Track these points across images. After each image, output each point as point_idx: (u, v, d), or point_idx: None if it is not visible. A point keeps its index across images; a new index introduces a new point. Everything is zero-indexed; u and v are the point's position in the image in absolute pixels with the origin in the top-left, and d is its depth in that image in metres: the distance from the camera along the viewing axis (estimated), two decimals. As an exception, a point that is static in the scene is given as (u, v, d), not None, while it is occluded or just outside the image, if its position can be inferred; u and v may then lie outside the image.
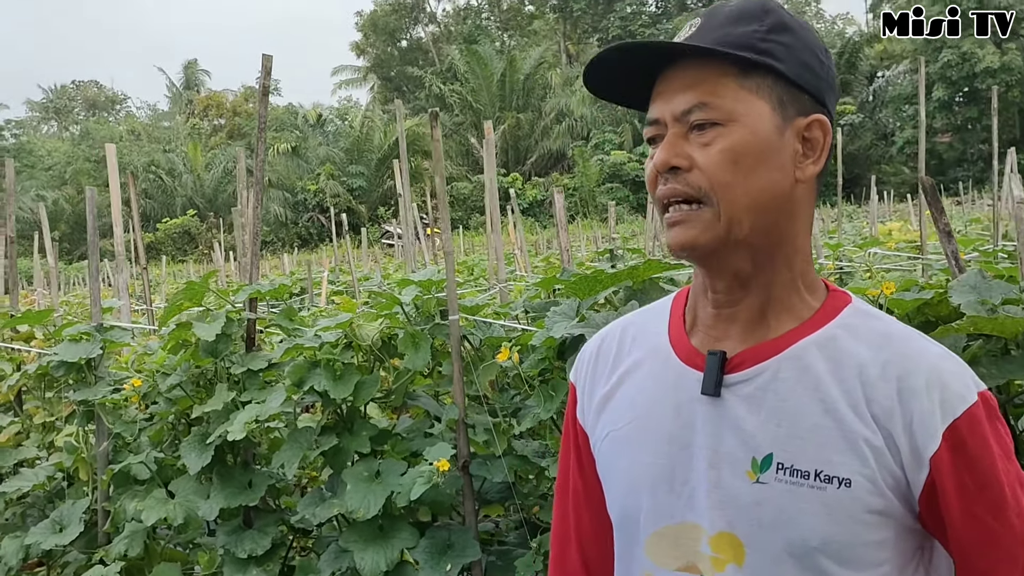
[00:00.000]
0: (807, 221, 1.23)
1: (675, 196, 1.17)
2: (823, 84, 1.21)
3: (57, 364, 3.61)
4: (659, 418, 1.27)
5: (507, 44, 65.70)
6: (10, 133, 71.35)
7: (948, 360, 1.16)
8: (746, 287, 1.21)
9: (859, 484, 1.12)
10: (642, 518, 1.27)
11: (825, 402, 1.15)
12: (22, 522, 3.98)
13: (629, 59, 1.21)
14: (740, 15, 1.18)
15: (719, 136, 1.14)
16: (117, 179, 4.63)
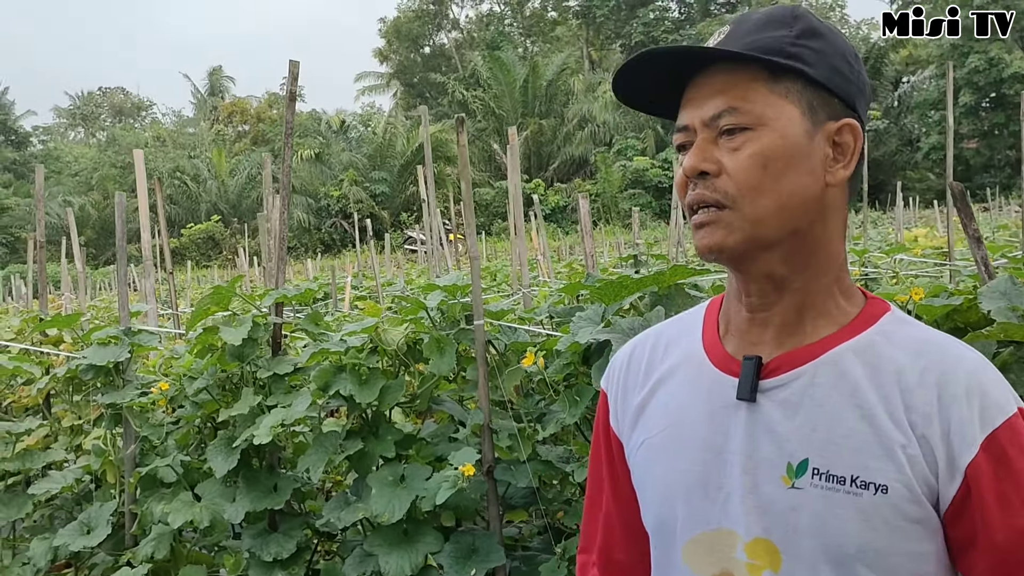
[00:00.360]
0: (841, 226, 1.23)
1: (703, 202, 1.17)
2: (853, 89, 1.20)
3: (86, 368, 3.65)
4: (694, 424, 1.26)
5: (530, 50, 65.80)
6: (38, 139, 72.15)
7: (988, 369, 1.15)
8: (780, 291, 1.21)
9: (896, 491, 1.11)
10: (678, 526, 1.27)
11: (862, 408, 1.14)
12: (50, 524, 4.02)
13: (658, 66, 1.21)
14: (769, 21, 1.19)
15: (748, 141, 1.14)
16: (144, 185, 4.67)
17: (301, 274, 21.25)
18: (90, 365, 3.64)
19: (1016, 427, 1.10)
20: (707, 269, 3.07)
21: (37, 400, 4.54)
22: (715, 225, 1.16)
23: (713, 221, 1.16)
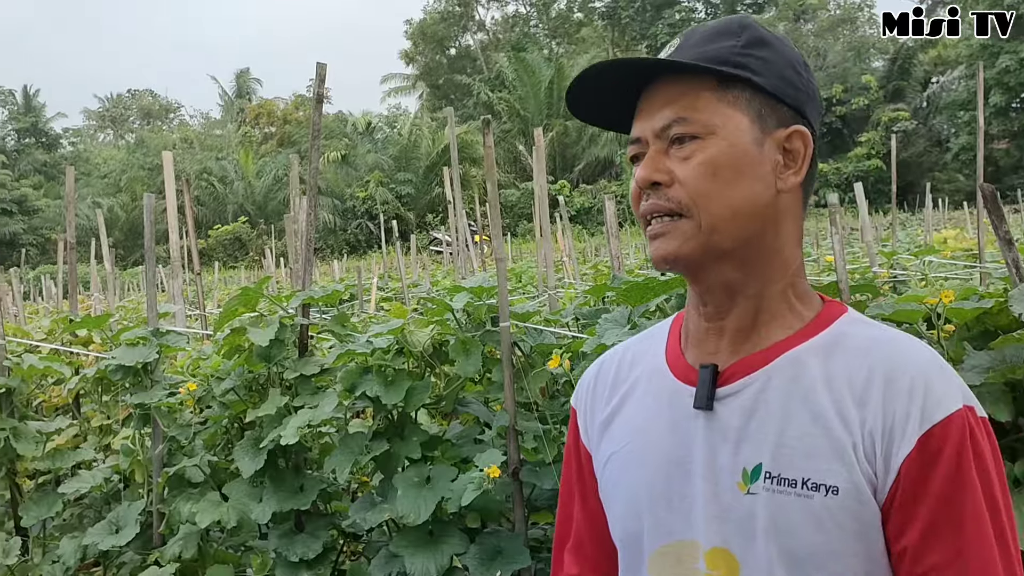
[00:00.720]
0: (795, 232, 1.24)
1: (657, 211, 1.19)
2: (802, 96, 1.22)
3: (115, 368, 3.67)
4: (657, 436, 1.27)
5: (555, 51, 65.75)
6: (68, 141, 72.81)
7: (937, 366, 1.15)
8: (735, 298, 1.22)
9: (846, 491, 1.11)
10: (644, 538, 1.28)
11: (813, 410, 1.15)
12: (79, 523, 4.05)
13: (610, 80, 1.23)
14: (718, 32, 1.21)
15: (698, 149, 1.16)
16: (173, 187, 4.71)
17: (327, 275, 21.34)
18: (119, 366, 3.67)
19: (956, 426, 1.10)
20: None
21: (67, 400, 4.58)
22: (670, 235, 1.18)
23: (668, 231, 1.18)
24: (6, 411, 4.12)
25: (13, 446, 3.95)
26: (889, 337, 1.19)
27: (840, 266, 2.91)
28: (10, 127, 67.31)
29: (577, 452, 1.45)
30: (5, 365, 4.17)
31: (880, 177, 40.43)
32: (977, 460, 1.09)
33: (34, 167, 63.13)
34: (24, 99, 67.18)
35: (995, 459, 1.13)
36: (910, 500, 1.10)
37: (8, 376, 4.14)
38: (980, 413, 1.14)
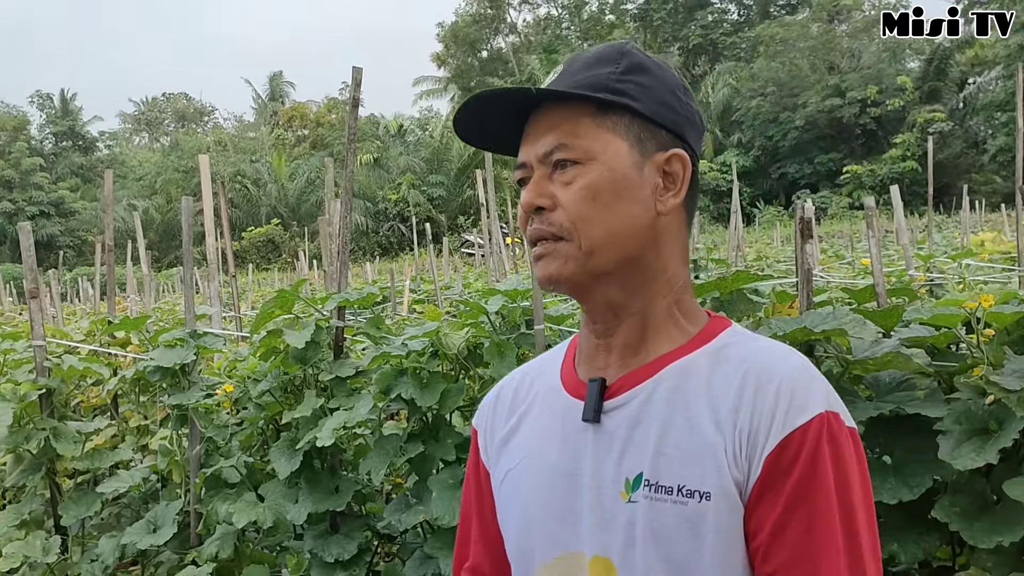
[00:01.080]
0: (678, 251, 1.28)
1: (541, 236, 1.22)
2: (681, 120, 1.26)
3: (153, 369, 3.72)
4: (549, 451, 1.30)
5: (587, 53, 65.61)
6: (104, 144, 73.60)
7: (805, 373, 1.18)
8: (620, 316, 1.26)
9: (718, 497, 1.14)
10: (535, 552, 1.30)
11: (691, 419, 1.18)
12: (117, 522, 4.10)
13: (494, 107, 1.26)
14: (597, 59, 1.25)
15: (579, 175, 1.20)
16: (209, 189, 4.75)
17: (360, 277, 21.44)
18: (157, 367, 3.71)
19: (814, 430, 1.13)
20: (769, 275, 3.04)
21: (105, 400, 4.64)
22: (552, 256, 1.22)
23: (550, 253, 1.22)
24: (46, 411, 4.18)
25: (53, 446, 4.01)
26: (764, 347, 1.23)
27: (877, 270, 2.89)
28: (48, 130, 68.15)
29: (477, 472, 1.47)
30: (45, 366, 4.23)
31: (915, 179, 40.03)
32: (836, 464, 1.12)
33: (71, 170, 63.88)
34: (61, 103, 67.99)
35: (859, 466, 1.16)
36: (766, 499, 1.13)
37: (48, 377, 4.20)
38: (848, 423, 1.17)
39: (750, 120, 49.39)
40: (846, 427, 1.16)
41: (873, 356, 2.26)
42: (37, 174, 58.24)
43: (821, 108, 46.37)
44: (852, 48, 49.12)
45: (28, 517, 4.15)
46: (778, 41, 50.88)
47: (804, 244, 2.56)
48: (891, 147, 44.46)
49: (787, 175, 48.51)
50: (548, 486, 1.28)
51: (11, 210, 54.95)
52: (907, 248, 4.60)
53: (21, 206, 55.43)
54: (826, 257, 12.77)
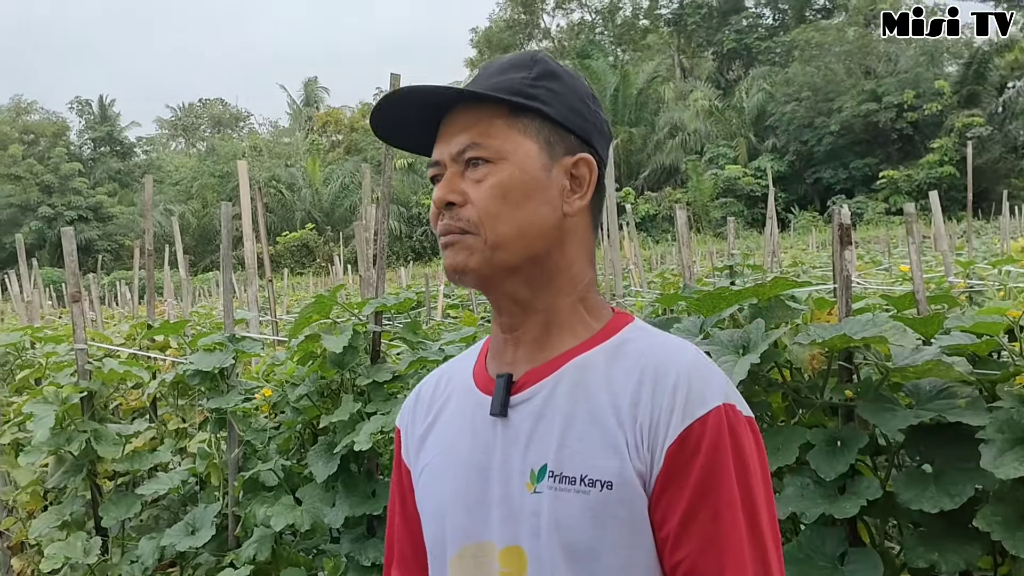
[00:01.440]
0: (582, 251, 1.33)
1: (450, 231, 1.27)
2: (589, 126, 1.32)
3: (192, 373, 3.76)
4: (461, 446, 1.34)
5: (620, 58, 65.57)
6: (141, 150, 74.40)
7: (702, 367, 1.23)
8: (526, 311, 1.31)
9: (619, 487, 1.18)
10: (447, 543, 1.34)
11: (593, 411, 1.23)
12: (156, 524, 4.15)
13: (411, 105, 1.31)
14: (512, 65, 1.31)
15: (490, 173, 1.25)
16: (248, 194, 4.80)
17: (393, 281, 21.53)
18: (196, 371, 3.75)
19: (713, 420, 1.17)
20: (808, 282, 3.03)
21: (144, 403, 4.69)
22: (458, 247, 1.26)
23: (456, 243, 1.26)
24: (87, 414, 4.24)
25: (94, 448, 4.06)
26: (661, 342, 1.28)
27: (917, 276, 2.88)
28: (87, 136, 69.00)
29: (399, 470, 1.51)
30: (87, 369, 4.29)
31: (953, 184, 39.59)
32: (736, 453, 1.17)
33: (109, 175, 64.63)
34: (100, 109, 68.82)
35: (758, 454, 1.21)
36: (671, 490, 1.17)
37: (90, 380, 4.26)
38: (746, 412, 1.22)
39: (784, 125, 49.03)
40: (743, 416, 1.21)
41: (913, 364, 2.25)
42: (76, 179, 58.97)
43: (857, 113, 45.96)
44: (889, 52, 48.66)
45: (69, 518, 4.20)
46: (814, 45, 50.52)
47: (843, 250, 2.55)
48: (928, 152, 44.00)
49: (822, 180, 48.13)
50: (460, 479, 1.33)
51: (51, 215, 55.67)
52: (946, 254, 4.56)
53: (60, 211, 56.13)
54: (863, 263, 12.68)
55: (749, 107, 51.38)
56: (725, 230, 8.49)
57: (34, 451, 4.11)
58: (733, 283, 4.45)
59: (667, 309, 3.67)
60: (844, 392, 2.40)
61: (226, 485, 3.85)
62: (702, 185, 45.77)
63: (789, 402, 2.65)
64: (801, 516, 2.28)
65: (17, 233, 7.87)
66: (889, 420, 2.22)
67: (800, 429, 2.42)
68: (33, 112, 68.54)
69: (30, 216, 55.65)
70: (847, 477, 2.31)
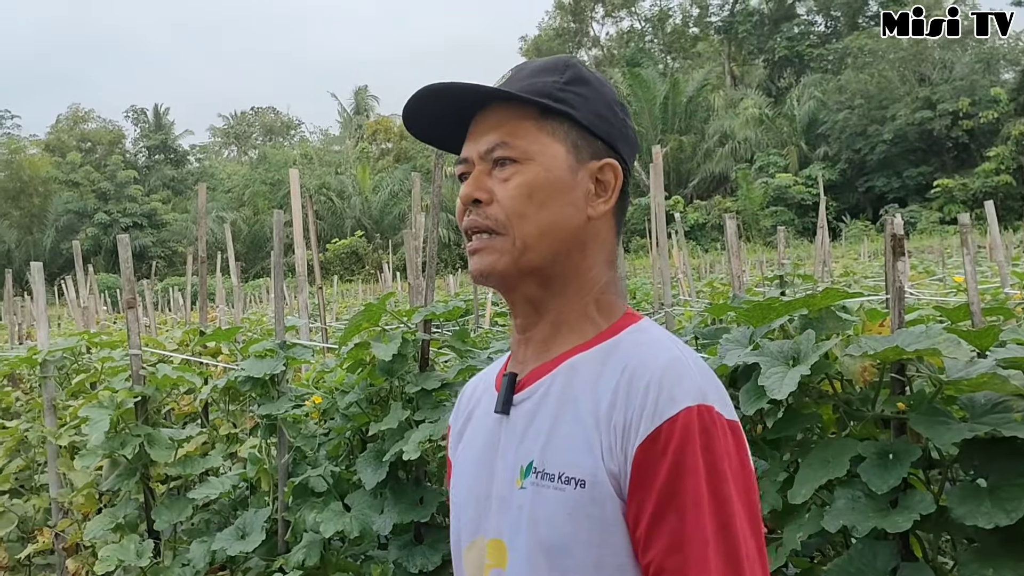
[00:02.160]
0: (603, 254, 1.35)
1: (476, 227, 1.30)
2: (616, 132, 1.34)
3: (244, 379, 3.80)
4: (476, 443, 1.39)
5: (670, 66, 65.33)
6: (194, 158, 75.47)
7: (680, 366, 1.22)
8: (539, 312, 1.33)
9: (593, 485, 1.20)
10: (462, 535, 1.39)
11: (577, 411, 1.24)
12: (207, 528, 4.20)
13: (445, 102, 1.33)
14: (544, 68, 1.33)
15: (517, 172, 1.27)
16: (299, 202, 4.85)
17: (442, 289, 21.62)
18: (248, 377, 3.79)
19: (682, 422, 1.16)
20: (859, 292, 3.00)
21: (196, 408, 4.76)
22: (487, 251, 1.29)
23: (485, 247, 1.29)
24: (141, 418, 4.31)
25: (147, 452, 4.12)
26: (646, 342, 1.28)
27: (972, 288, 2.83)
28: (142, 144, 70.16)
29: (449, 464, 1.55)
30: (141, 374, 4.36)
31: (1010, 193, 38.92)
32: (706, 455, 1.15)
33: (163, 182, 65.62)
34: (155, 117, 69.94)
35: (738, 457, 1.19)
36: (640, 491, 1.18)
37: (144, 385, 4.32)
38: (728, 416, 1.21)
39: (837, 133, 48.49)
40: (723, 419, 1.20)
41: (967, 377, 2.21)
42: (131, 186, 59.97)
43: (911, 121, 45.32)
44: (943, 59, 47.95)
45: (123, 521, 4.26)
46: (867, 52, 49.95)
47: (895, 261, 2.52)
48: (984, 160, 43.27)
49: (875, 189, 47.53)
50: (471, 475, 1.38)
51: (106, 221, 56.66)
52: (1002, 265, 4.49)
53: (116, 217, 57.11)
54: (916, 273, 12.49)
55: (800, 115, 50.89)
56: (775, 239, 8.41)
57: (89, 454, 4.19)
58: (783, 293, 4.41)
59: (716, 319, 3.65)
60: (896, 404, 2.37)
61: (276, 490, 3.89)
62: (752, 194, 45.41)
63: (840, 414, 2.62)
64: (852, 530, 2.26)
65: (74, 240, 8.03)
66: (942, 433, 2.19)
67: (851, 441, 2.39)
68: (90, 120, 69.82)
69: (87, 222, 56.68)
70: (899, 491, 2.28)
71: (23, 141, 66.68)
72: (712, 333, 3.22)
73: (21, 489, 5.47)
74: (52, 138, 66.77)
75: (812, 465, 2.38)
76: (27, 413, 5.61)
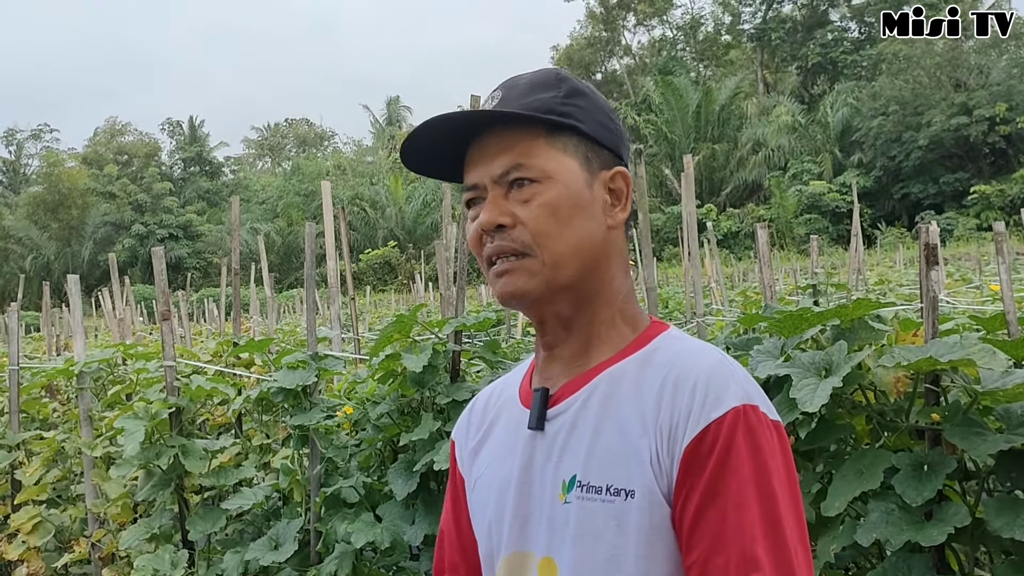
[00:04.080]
0: (622, 263, 1.36)
1: (503, 252, 1.29)
2: (618, 140, 1.36)
3: (277, 390, 3.82)
4: (507, 459, 1.38)
5: (702, 74, 65.14)
6: (229, 169, 76.16)
7: (722, 369, 1.23)
8: (569, 328, 1.33)
9: (642, 495, 1.20)
10: (495, 553, 1.38)
11: (621, 421, 1.24)
12: (240, 538, 4.22)
13: (443, 132, 1.32)
14: (538, 83, 1.32)
15: (537, 193, 1.27)
16: (331, 214, 4.88)
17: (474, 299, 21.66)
18: (280, 388, 3.81)
19: (729, 422, 1.17)
20: (891, 302, 2.97)
21: (230, 419, 4.79)
22: (517, 272, 1.28)
23: (515, 268, 1.28)
24: (175, 429, 4.34)
25: (182, 462, 4.16)
26: (688, 348, 1.29)
27: (1007, 296, 2.80)
28: (177, 156, 70.87)
29: (454, 480, 1.56)
30: (175, 386, 4.40)
31: (1049, 199, 38.39)
32: (753, 454, 1.16)
33: (198, 194, 66.23)
34: (190, 130, 70.66)
35: (783, 457, 1.20)
36: (686, 492, 1.18)
37: (178, 396, 4.36)
38: (772, 416, 1.22)
39: (871, 140, 48.10)
40: (768, 419, 1.20)
41: (1003, 387, 2.19)
42: (167, 198, 60.59)
43: (947, 127, 44.85)
44: (980, 64, 47.45)
45: (158, 531, 4.30)
46: (902, 58, 49.49)
47: (929, 271, 2.49)
48: (1022, 166, 42.76)
49: (910, 195, 47.08)
50: (505, 491, 1.36)
51: (143, 232, 57.26)
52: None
53: (152, 229, 57.70)
54: (952, 281, 12.36)
55: (834, 122, 50.55)
56: (809, 247, 8.35)
57: (125, 464, 4.23)
58: (816, 303, 4.37)
59: (748, 329, 3.63)
60: (931, 415, 2.34)
61: (308, 501, 3.91)
62: (786, 201, 45.15)
63: (873, 425, 2.60)
64: (886, 543, 2.23)
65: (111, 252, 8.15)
66: (978, 445, 2.16)
67: (885, 453, 2.37)
68: (127, 133, 70.63)
69: (124, 234, 57.32)
70: (934, 503, 2.25)
71: (62, 154, 67.72)
72: (744, 343, 3.19)
73: (58, 499, 5.53)
74: (90, 151, 67.59)
75: (846, 477, 2.36)
76: (64, 424, 5.68)
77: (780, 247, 40.05)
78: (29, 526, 5.15)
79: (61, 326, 13.33)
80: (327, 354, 4.06)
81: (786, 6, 63.12)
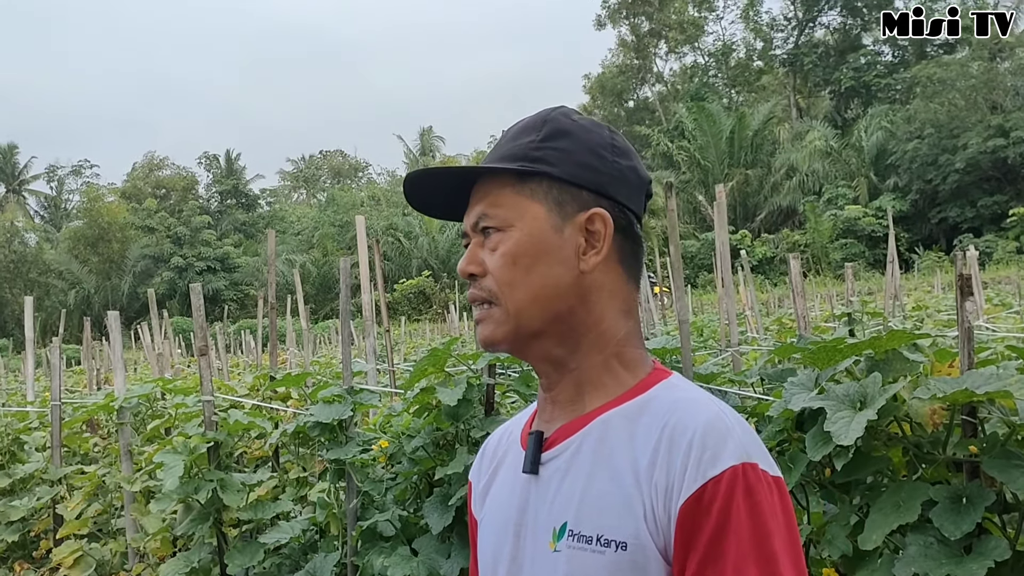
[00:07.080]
0: (613, 305, 1.32)
1: (476, 300, 1.32)
2: (604, 178, 1.31)
3: (312, 424, 3.85)
4: (504, 502, 1.38)
5: (735, 100, 65.07)
6: (265, 201, 76.93)
7: (719, 424, 1.20)
8: (561, 371, 1.32)
9: (634, 547, 1.17)
10: None
11: (613, 470, 1.22)
12: (278, 572, 4.24)
13: (434, 183, 1.37)
14: (523, 129, 1.34)
15: (500, 241, 1.29)
16: (365, 247, 4.93)
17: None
18: (317, 422, 3.85)
19: (727, 481, 1.14)
20: (926, 333, 2.94)
21: (267, 452, 4.83)
22: (487, 321, 1.30)
23: (486, 317, 1.31)
24: (213, 463, 4.38)
25: (220, 496, 4.19)
26: (686, 399, 1.25)
27: (1045, 326, 2.77)
28: (214, 189, 71.72)
29: (472, 520, 1.54)
30: (213, 420, 4.44)
31: (1091, 221, 37.86)
32: (752, 514, 1.13)
33: (234, 226, 66.94)
34: (227, 163, 71.52)
35: (783, 515, 1.17)
36: (684, 552, 1.15)
37: (216, 430, 4.41)
38: (773, 472, 1.19)
39: (907, 163, 47.74)
40: (768, 476, 1.18)
41: (1041, 419, 2.16)
42: (205, 231, 61.26)
43: (983, 149, 44.44)
44: (1016, 86, 47.04)
45: (197, 565, 4.33)
46: (936, 81, 49.16)
47: (964, 301, 2.48)
48: (1061, 187, 42.26)
49: (948, 219, 46.64)
50: (500, 535, 1.36)
51: (182, 265, 57.86)
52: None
53: (191, 261, 58.29)
54: (992, 306, 12.21)
55: (868, 146, 50.29)
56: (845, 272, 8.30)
57: (164, 499, 4.27)
58: (852, 332, 4.34)
59: (782, 359, 3.61)
60: (968, 447, 2.32)
61: (345, 535, 3.93)
62: (821, 226, 44.89)
63: (910, 457, 2.57)
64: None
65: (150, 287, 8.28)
66: (1018, 477, 2.14)
67: (922, 485, 2.35)
68: (164, 167, 71.60)
69: (163, 267, 57.96)
70: (973, 536, 2.23)
71: (101, 189, 68.74)
72: (778, 375, 3.18)
73: (99, 533, 5.59)
74: (129, 185, 68.57)
75: (883, 510, 2.34)
76: (104, 459, 5.74)
77: (816, 272, 39.79)
78: (71, 560, 5.21)
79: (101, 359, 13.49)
80: (362, 388, 4.08)
81: (818, 31, 63.06)
